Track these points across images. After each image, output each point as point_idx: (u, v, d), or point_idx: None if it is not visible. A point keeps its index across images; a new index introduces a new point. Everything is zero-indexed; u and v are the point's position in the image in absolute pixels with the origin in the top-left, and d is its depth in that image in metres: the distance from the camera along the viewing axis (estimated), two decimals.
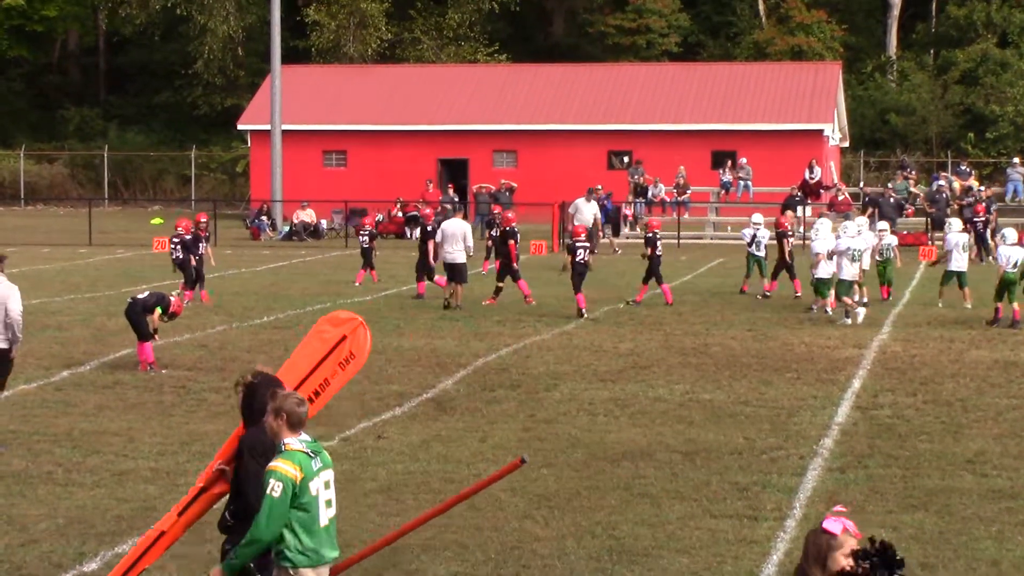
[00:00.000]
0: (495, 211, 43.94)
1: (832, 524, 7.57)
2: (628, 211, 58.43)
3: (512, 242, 33.14)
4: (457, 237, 32.56)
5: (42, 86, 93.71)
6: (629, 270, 41.69)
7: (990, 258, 41.41)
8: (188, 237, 33.26)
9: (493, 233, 40.90)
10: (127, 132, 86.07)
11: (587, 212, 45.49)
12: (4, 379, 18.19)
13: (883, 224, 33.35)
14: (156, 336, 23.57)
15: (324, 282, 38.33)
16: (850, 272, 29.83)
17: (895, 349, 25.88)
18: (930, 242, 48.71)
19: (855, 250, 30.00)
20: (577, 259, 31.12)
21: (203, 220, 35.06)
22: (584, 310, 30.60)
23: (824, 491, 15.28)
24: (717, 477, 15.94)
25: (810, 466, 16.48)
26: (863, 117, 77.81)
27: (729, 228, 56.76)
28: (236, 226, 62.67)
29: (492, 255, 41.20)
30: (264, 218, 60.37)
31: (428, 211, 36.79)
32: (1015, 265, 28.74)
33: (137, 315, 23.19)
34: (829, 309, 30.58)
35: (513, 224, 34.00)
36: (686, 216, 57.76)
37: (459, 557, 12.98)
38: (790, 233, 34.65)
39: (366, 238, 37.71)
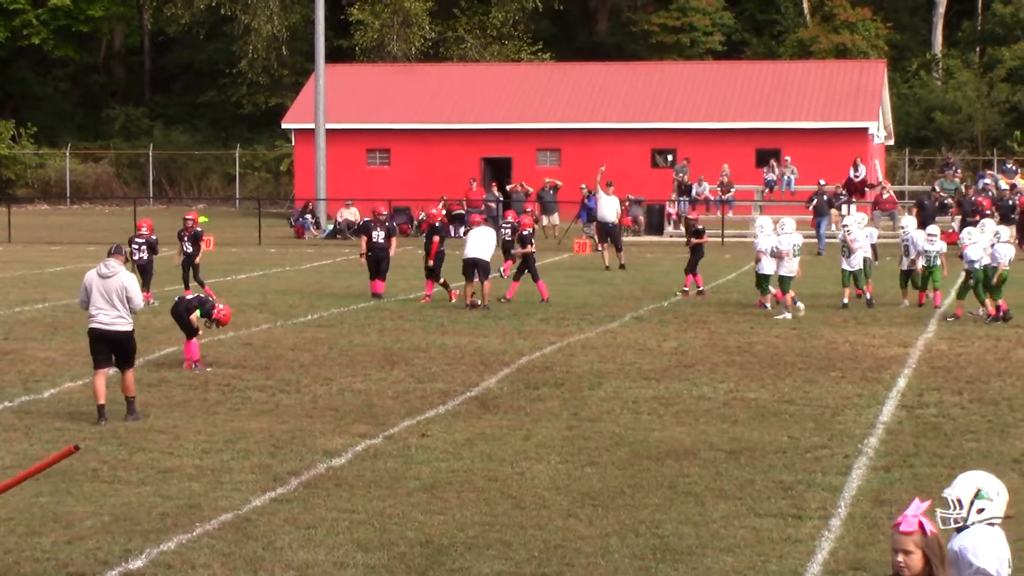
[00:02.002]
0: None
1: (898, 517, 7.64)
2: (672, 209, 58.34)
3: (436, 238, 32.97)
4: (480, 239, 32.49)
5: (88, 86, 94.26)
6: (675, 268, 41.63)
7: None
8: (154, 238, 32.31)
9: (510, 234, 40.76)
10: (172, 131, 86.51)
11: (607, 206, 44.68)
12: (132, 358, 19.51)
13: (934, 229, 32.66)
14: (199, 335, 23.60)
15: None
16: (789, 268, 30.34)
17: (941, 348, 25.75)
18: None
19: (795, 246, 30.51)
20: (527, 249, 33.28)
21: (189, 218, 34.07)
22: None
23: (869, 490, 15.22)
24: (761, 476, 15.90)
25: (855, 465, 16.42)
26: (908, 115, 77.48)
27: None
28: (280, 224, 62.86)
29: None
30: (308, 216, 60.52)
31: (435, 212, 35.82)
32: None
33: (180, 314, 23.32)
34: (769, 305, 30.97)
35: (437, 221, 34.23)
36: (730, 214, 57.63)
37: (503, 555, 12.97)
38: (701, 227, 35.27)
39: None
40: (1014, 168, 58.21)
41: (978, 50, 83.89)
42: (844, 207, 53.32)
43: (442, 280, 33.07)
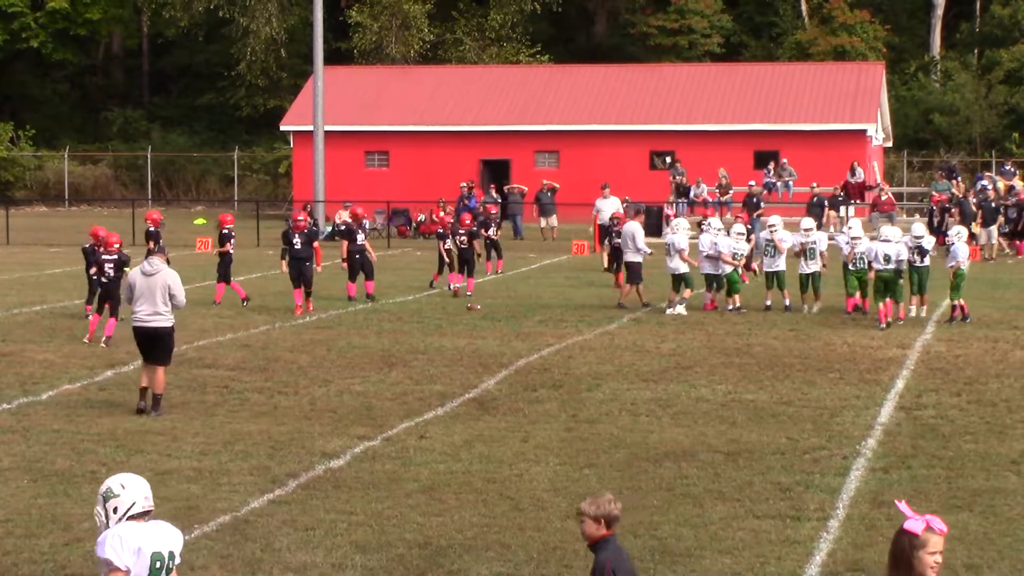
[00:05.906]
0: (491, 212, 43.47)
1: (913, 524, 7.38)
2: (670, 211, 58.30)
3: (316, 243, 32.36)
4: (626, 240, 32.83)
5: (86, 88, 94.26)
6: None
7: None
8: None
9: (490, 234, 40.82)
10: (170, 133, 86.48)
11: (607, 209, 45.63)
12: (167, 356, 20.14)
13: (993, 230, 32.10)
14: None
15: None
16: (673, 265, 31.10)
17: (939, 349, 25.75)
18: (974, 242, 48.47)
19: (670, 244, 31.21)
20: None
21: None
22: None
23: (867, 492, 15.22)
24: (760, 477, 15.90)
25: (853, 466, 16.42)
26: (906, 117, 77.45)
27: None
28: (279, 226, 62.73)
29: (491, 255, 40.98)
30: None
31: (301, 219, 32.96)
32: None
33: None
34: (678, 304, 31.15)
35: (310, 225, 33.43)
36: (728, 216, 57.58)
37: (502, 557, 12.98)
38: (448, 234, 35.61)
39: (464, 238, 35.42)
40: (1012, 170, 58.15)
41: (976, 52, 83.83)
42: (842, 209, 53.36)
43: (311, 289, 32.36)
